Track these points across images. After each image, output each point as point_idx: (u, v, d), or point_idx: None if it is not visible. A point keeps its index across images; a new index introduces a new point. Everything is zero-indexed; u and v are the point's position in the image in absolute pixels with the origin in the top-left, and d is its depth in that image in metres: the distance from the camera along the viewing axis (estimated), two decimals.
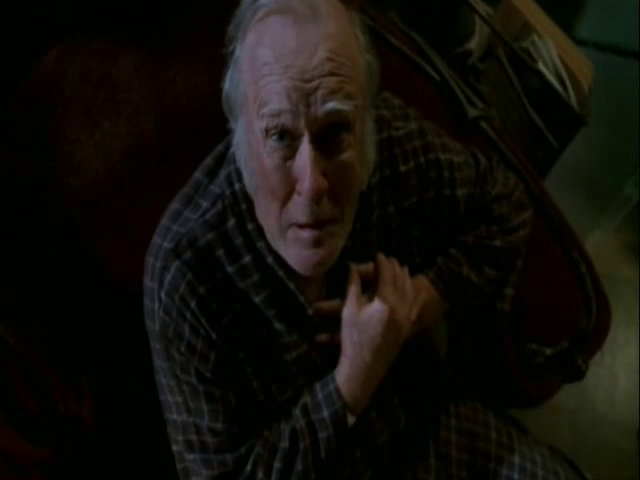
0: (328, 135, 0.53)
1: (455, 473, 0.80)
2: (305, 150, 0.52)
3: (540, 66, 1.18)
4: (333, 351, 0.69)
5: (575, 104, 1.19)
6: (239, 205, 0.65)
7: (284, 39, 0.51)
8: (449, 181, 0.73)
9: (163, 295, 0.63)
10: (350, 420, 0.68)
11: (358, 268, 0.70)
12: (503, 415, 0.89)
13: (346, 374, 0.68)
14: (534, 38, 1.22)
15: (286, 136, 0.53)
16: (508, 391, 0.96)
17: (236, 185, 0.65)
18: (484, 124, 0.98)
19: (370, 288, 0.70)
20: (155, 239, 0.66)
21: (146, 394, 0.77)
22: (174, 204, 0.68)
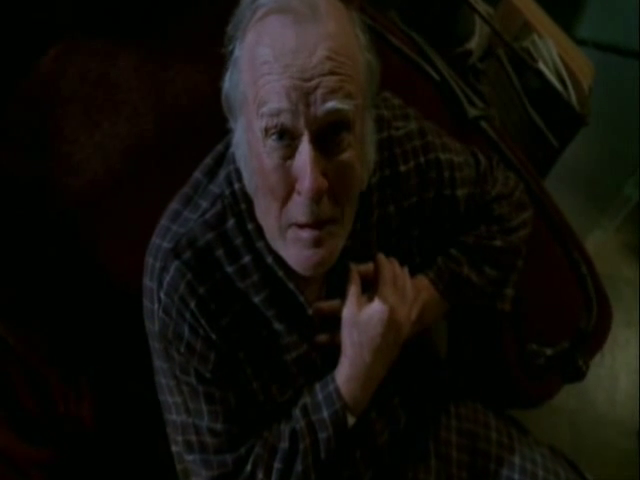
0: (328, 135, 0.53)
1: (455, 474, 0.80)
2: (305, 150, 0.52)
3: (540, 66, 1.17)
4: (333, 351, 0.69)
5: (575, 104, 1.19)
6: (239, 205, 0.65)
7: (284, 38, 0.51)
8: (449, 181, 0.73)
9: (162, 295, 0.63)
10: (350, 420, 0.68)
11: (358, 268, 0.69)
12: (503, 415, 0.89)
13: (346, 374, 0.68)
14: (534, 38, 1.22)
15: (286, 135, 0.53)
16: (508, 391, 0.96)
17: (236, 185, 0.65)
18: (484, 124, 0.98)
19: (370, 288, 0.70)
20: (154, 239, 0.66)
21: (146, 394, 0.77)
22: (173, 204, 0.67)
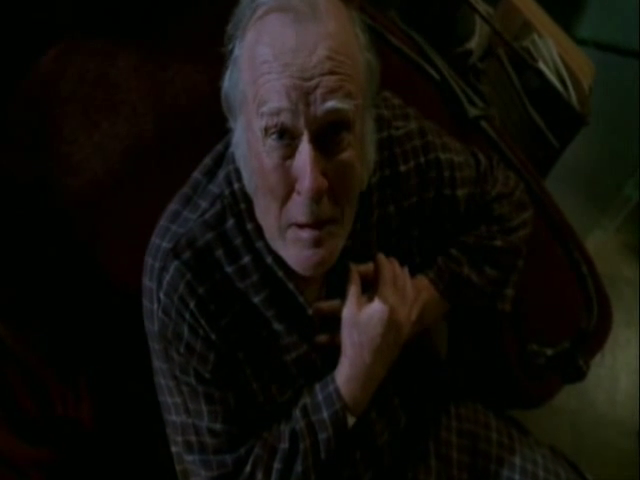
0: (328, 134, 0.53)
1: (456, 475, 0.79)
2: (305, 149, 0.52)
3: (540, 65, 1.17)
4: (333, 352, 0.69)
5: (576, 103, 1.19)
6: (238, 205, 0.64)
7: (284, 37, 0.51)
8: (449, 181, 0.73)
9: (162, 295, 0.63)
10: (350, 421, 0.68)
11: (358, 268, 0.69)
12: (504, 416, 0.89)
13: (346, 375, 0.67)
14: (534, 37, 1.22)
15: (285, 135, 0.53)
16: (509, 392, 0.96)
17: (235, 185, 0.65)
18: (484, 124, 0.97)
19: (370, 288, 0.69)
20: (154, 239, 0.66)
21: (145, 395, 0.76)
22: (173, 204, 0.67)
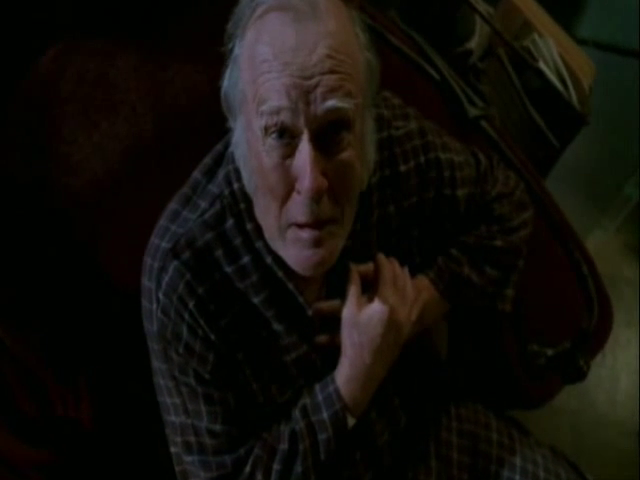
0: (328, 134, 0.53)
1: (456, 475, 0.79)
2: (304, 148, 0.52)
3: (541, 65, 1.17)
4: (333, 352, 0.69)
5: (576, 103, 1.19)
6: (238, 205, 0.64)
7: (283, 36, 0.51)
8: (449, 181, 0.73)
9: (161, 296, 0.63)
10: (350, 421, 0.67)
11: (358, 268, 0.69)
12: (504, 416, 0.89)
13: (346, 375, 0.67)
14: (535, 37, 1.22)
15: (285, 134, 0.52)
16: (509, 392, 0.96)
17: (235, 185, 0.64)
18: (484, 123, 0.97)
19: (370, 288, 0.69)
20: (153, 239, 0.66)
21: (144, 395, 0.76)
22: (172, 204, 0.67)
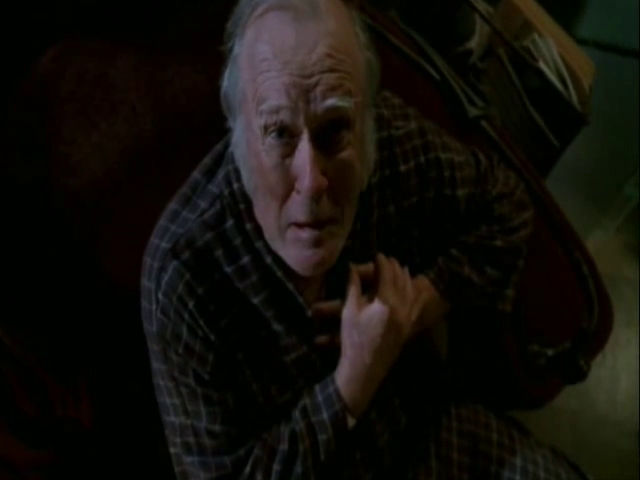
0: (328, 133, 0.53)
1: (456, 475, 0.79)
2: (304, 148, 0.52)
3: (541, 65, 1.17)
4: (333, 352, 0.69)
5: (576, 103, 1.19)
6: (238, 205, 0.64)
7: (283, 35, 0.51)
8: (449, 181, 0.73)
9: (160, 296, 0.63)
10: (350, 422, 0.67)
11: (358, 268, 0.69)
12: (504, 417, 0.89)
13: (346, 375, 0.67)
14: (535, 37, 1.21)
15: (285, 133, 0.52)
16: (509, 392, 0.96)
17: (235, 185, 0.64)
18: (485, 123, 0.97)
19: (370, 288, 0.69)
20: (153, 239, 0.66)
21: (144, 396, 0.76)
22: (172, 204, 0.67)
